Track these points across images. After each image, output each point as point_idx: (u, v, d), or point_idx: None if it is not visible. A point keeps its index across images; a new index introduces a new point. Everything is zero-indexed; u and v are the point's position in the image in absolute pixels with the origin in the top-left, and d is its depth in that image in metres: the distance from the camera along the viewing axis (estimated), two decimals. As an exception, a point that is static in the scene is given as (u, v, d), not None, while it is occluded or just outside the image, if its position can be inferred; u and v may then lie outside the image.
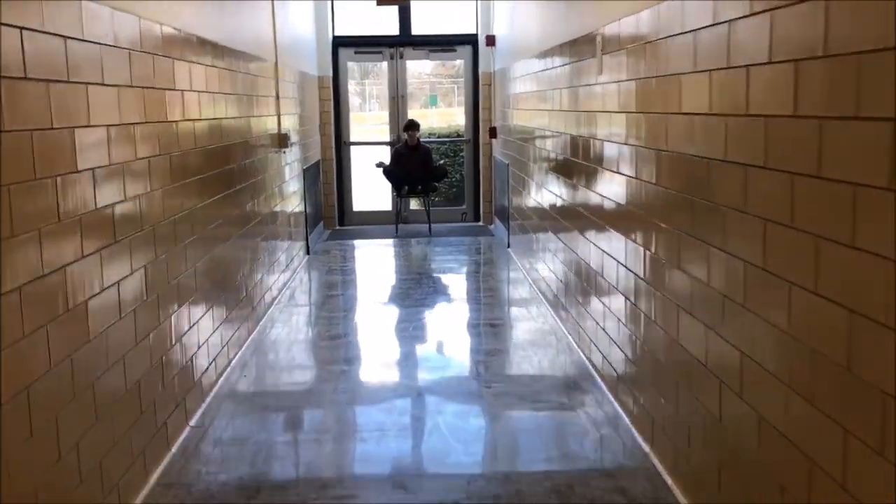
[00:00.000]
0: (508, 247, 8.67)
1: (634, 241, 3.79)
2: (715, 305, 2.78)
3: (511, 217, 8.53)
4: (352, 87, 21.59)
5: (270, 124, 6.77)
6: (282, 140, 6.94)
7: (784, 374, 2.29)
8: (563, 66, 5.60)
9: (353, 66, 10.97)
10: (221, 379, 4.72)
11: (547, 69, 6.31)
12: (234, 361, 5.04)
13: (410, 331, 5.94)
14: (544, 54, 6.37)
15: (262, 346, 5.47)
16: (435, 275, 7.80)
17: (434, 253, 9.04)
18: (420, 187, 9.89)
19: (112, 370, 3.09)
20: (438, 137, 12.15)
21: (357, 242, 9.56)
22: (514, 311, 6.47)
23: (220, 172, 4.99)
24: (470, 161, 10.79)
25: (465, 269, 8.22)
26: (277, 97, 6.94)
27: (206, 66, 4.76)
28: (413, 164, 9.81)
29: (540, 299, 6.40)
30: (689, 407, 3.11)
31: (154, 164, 3.62)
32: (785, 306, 2.26)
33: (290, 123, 7.65)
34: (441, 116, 18.40)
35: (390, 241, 9.56)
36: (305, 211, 8.46)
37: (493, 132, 9.72)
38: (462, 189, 11.17)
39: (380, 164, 9.81)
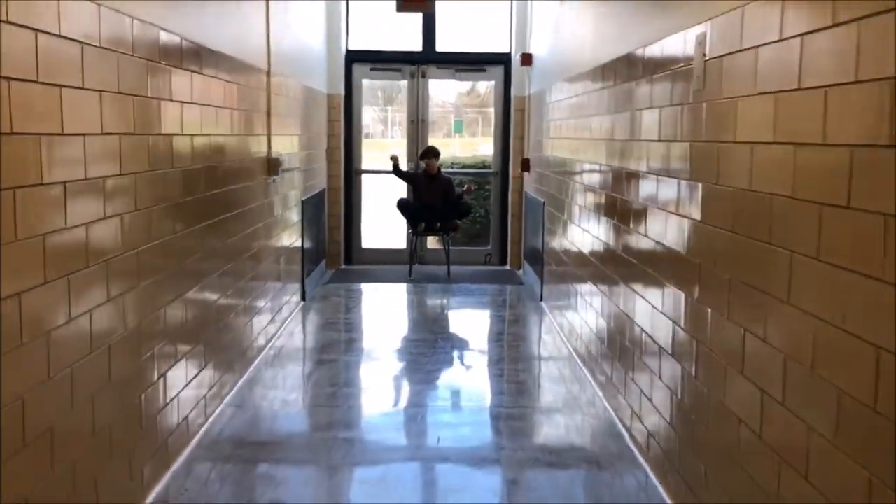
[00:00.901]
0: (541, 300, 7.33)
1: (691, 295, 3.17)
2: (777, 371, 2.37)
3: (545, 263, 7.21)
4: (375, 112, 20.60)
5: (260, 146, 5.52)
6: (271, 165, 5.68)
7: (860, 454, 1.92)
8: (610, 87, 4.63)
9: (373, 88, 9.74)
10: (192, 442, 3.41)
11: (593, 90, 5.13)
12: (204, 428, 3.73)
13: (418, 423, 4.58)
14: (591, 74, 5.12)
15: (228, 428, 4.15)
16: (453, 333, 6.46)
17: (453, 304, 7.71)
18: (439, 224, 8.59)
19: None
20: (462, 168, 10.88)
21: (363, 286, 8.25)
22: (548, 397, 5.10)
23: (189, 201, 3.75)
24: (497, 196, 9.49)
25: (488, 329, 6.86)
26: (269, 114, 5.69)
27: (174, 67, 3.53)
28: (432, 195, 8.52)
29: (585, 379, 5.06)
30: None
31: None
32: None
33: (286, 146, 6.39)
34: (465, 146, 17.21)
35: (402, 287, 8.24)
36: (303, 249, 7.18)
37: (525, 164, 8.43)
38: (487, 227, 9.86)
39: (394, 158, 8.57)
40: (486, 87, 15.44)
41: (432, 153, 8.58)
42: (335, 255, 9.08)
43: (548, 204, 7.06)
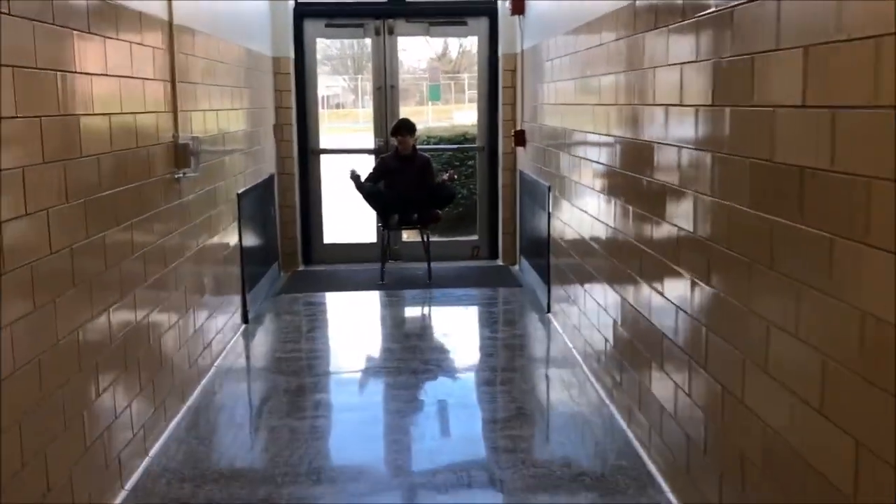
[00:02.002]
0: (548, 310, 5.79)
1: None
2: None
3: (552, 266, 5.66)
4: (344, 82, 19.01)
5: (163, 129, 3.90)
6: (179, 155, 4.05)
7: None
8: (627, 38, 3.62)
9: (342, 56, 8.08)
10: None
11: (610, 41, 3.99)
12: None
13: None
14: (607, 21, 3.67)
15: None
16: (437, 371, 4.90)
17: (436, 319, 6.15)
18: (416, 215, 6.99)
19: None
20: (438, 143, 9.25)
21: (323, 297, 6.66)
22: None
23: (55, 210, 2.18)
24: (484, 176, 7.88)
25: (483, 361, 5.26)
26: (173, 83, 4.05)
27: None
28: (406, 181, 6.91)
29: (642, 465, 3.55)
30: None
31: None
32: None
33: (210, 125, 4.77)
34: (438, 115, 15.60)
35: (372, 297, 6.65)
36: (242, 257, 5.57)
37: (519, 138, 6.84)
38: (473, 212, 8.28)
39: (355, 177, 6.91)
40: (458, 49, 13.92)
41: (406, 128, 6.94)
42: (291, 255, 7.47)
43: (555, 188, 5.49)
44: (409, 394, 4.43)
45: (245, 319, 5.67)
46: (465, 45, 13.29)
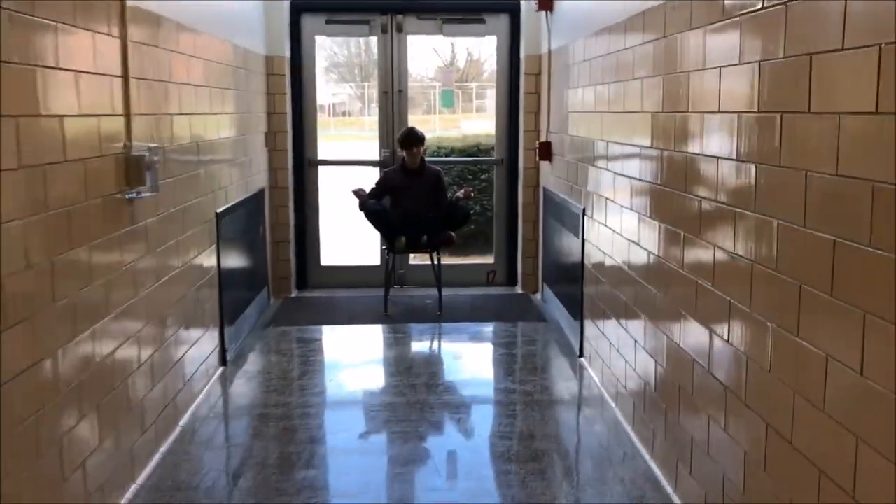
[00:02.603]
0: (580, 354, 4.93)
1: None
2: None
3: (585, 302, 4.81)
4: (351, 89, 18.30)
5: (111, 136, 3.08)
6: (132, 170, 3.21)
7: None
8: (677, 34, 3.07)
9: (349, 64, 7.30)
10: None
11: (652, 40, 3.42)
12: None
13: None
14: (652, 16, 3.13)
15: None
16: (448, 438, 4.04)
17: (448, 365, 5.28)
18: (426, 238, 6.12)
19: None
20: (450, 155, 8.40)
21: (318, 332, 5.79)
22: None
23: None
24: (503, 192, 7.02)
25: (504, 427, 4.36)
26: (126, 78, 3.22)
27: None
28: (414, 198, 6.06)
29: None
30: None
31: None
32: None
33: (180, 131, 3.94)
34: (447, 124, 14.79)
35: (374, 330, 5.79)
36: (220, 288, 4.72)
37: (545, 150, 5.99)
38: (489, 233, 7.42)
39: (360, 193, 6.07)
40: (466, 58, 13.31)
41: (414, 139, 6.08)
42: (283, 280, 6.62)
43: (589, 210, 4.65)
44: (415, 470, 3.57)
45: (223, 360, 4.82)
46: (474, 53, 12.92)
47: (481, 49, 12.68)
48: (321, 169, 6.90)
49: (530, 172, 6.56)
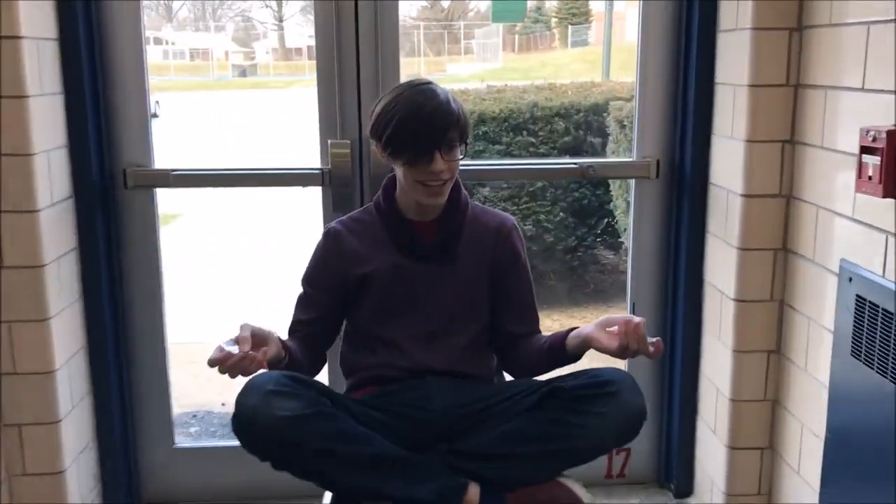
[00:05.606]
0: None
1: None
2: None
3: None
4: (242, 52, 16.45)
5: None
6: None
7: None
8: None
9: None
10: None
11: None
12: None
13: None
14: None
15: None
16: None
17: None
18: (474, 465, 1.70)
19: None
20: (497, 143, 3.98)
21: None
22: None
23: None
24: (651, 283, 2.68)
25: None
26: None
27: None
28: (428, 317, 1.78)
29: None
30: None
31: None
32: None
33: None
34: (430, 67, 12.22)
35: None
36: None
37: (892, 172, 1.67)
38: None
39: (228, 355, 1.58)
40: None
41: (448, 123, 1.73)
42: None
43: None
44: None
45: None
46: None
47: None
48: (165, 195, 2.52)
49: (761, 222, 2.27)
